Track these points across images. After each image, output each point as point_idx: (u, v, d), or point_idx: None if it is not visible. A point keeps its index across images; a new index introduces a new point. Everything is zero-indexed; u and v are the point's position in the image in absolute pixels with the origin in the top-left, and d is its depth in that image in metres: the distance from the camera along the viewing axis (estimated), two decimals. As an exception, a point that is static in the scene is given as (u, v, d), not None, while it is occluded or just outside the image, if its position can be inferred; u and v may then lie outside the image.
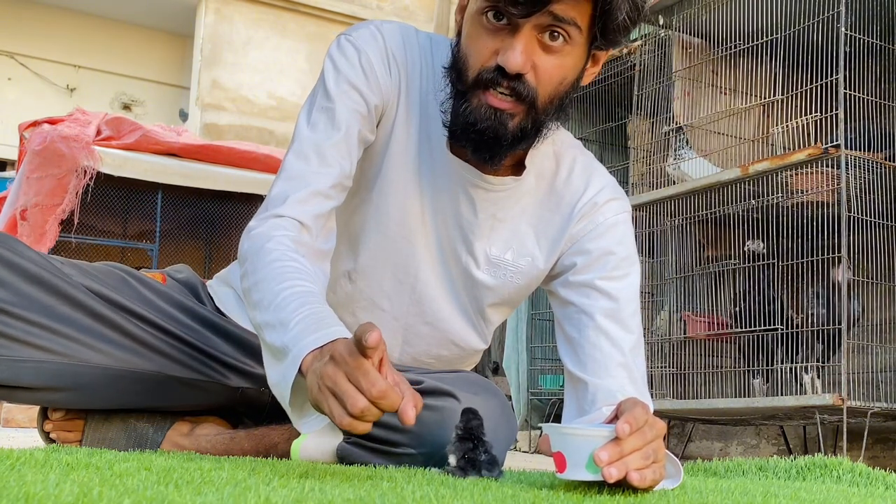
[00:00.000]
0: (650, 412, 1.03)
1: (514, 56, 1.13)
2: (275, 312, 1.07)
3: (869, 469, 1.49)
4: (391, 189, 1.33)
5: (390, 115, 1.32)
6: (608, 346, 1.29)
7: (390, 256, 1.35)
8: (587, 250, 1.35)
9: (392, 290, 1.37)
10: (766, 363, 2.98)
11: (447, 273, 1.38)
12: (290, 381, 0.99)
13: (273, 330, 1.05)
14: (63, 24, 9.68)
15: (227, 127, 8.81)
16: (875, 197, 2.78)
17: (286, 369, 1.00)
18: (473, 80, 1.19)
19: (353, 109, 1.27)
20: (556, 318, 1.40)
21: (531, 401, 4.09)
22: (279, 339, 1.04)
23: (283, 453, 1.35)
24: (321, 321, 1.03)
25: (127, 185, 5.55)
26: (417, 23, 9.53)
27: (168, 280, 1.50)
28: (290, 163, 1.25)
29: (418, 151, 1.32)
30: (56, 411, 1.42)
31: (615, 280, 1.33)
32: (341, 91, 1.27)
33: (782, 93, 3.04)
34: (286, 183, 1.23)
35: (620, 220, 1.37)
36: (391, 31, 1.32)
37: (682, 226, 3.32)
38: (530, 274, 1.39)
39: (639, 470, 0.96)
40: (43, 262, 1.31)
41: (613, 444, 0.96)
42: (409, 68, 1.32)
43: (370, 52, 1.29)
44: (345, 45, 1.30)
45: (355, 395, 0.90)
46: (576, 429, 1.00)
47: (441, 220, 1.34)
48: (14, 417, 3.98)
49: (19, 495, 0.65)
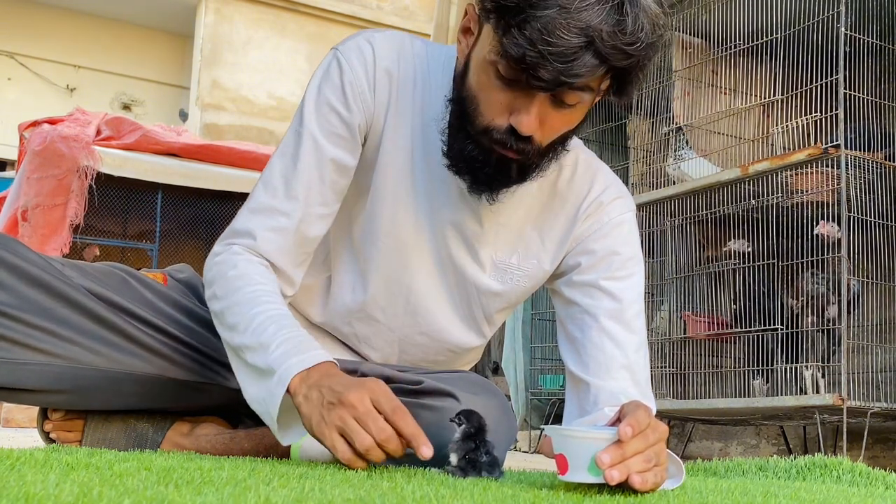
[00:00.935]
0: (652, 415, 1.03)
1: (527, 121, 1.12)
2: (253, 335, 1.15)
3: (869, 469, 1.48)
4: (381, 202, 1.32)
5: (377, 128, 1.30)
6: (611, 347, 1.29)
7: (381, 268, 1.35)
8: (592, 250, 1.35)
9: (386, 302, 1.37)
10: (767, 363, 2.98)
11: (445, 283, 1.37)
12: (278, 399, 1.10)
13: (254, 352, 1.15)
14: (63, 24, 9.68)
15: (227, 127, 8.81)
16: (875, 197, 2.78)
17: (273, 388, 1.10)
18: (483, 130, 1.17)
19: (329, 132, 1.27)
20: (558, 317, 1.39)
21: (531, 401, 4.09)
22: (262, 361, 1.13)
23: (283, 453, 1.35)
24: (301, 344, 1.13)
25: (127, 185, 5.55)
26: (417, 23, 9.53)
27: (169, 280, 1.50)
28: (258, 194, 1.29)
29: (412, 163, 1.31)
30: (56, 411, 1.42)
31: (619, 280, 1.33)
32: (319, 114, 1.27)
33: (782, 93, 3.04)
34: (251, 216, 1.28)
35: (625, 220, 1.37)
36: (382, 43, 1.30)
37: (682, 226, 3.32)
38: (536, 276, 1.38)
39: (640, 473, 0.96)
40: (44, 263, 1.31)
41: (616, 447, 0.96)
42: (402, 80, 1.30)
43: (356, 68, 1.27)
44: (331, 63, 1.29)
45: (364, 434, 1.03)
46: (578, 431, 1.00)
47: (439, 230, 1.33)
48: (14, 417, 3.98)
49: (19, 495, 0.65)
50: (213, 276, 1.26)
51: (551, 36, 1.03)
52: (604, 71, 1.08)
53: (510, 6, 1.05)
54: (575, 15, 1.03)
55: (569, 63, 1.04)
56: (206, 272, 1.29)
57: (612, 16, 1.04)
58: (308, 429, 1.09)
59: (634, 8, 1.06)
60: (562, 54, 1.03)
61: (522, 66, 1.06)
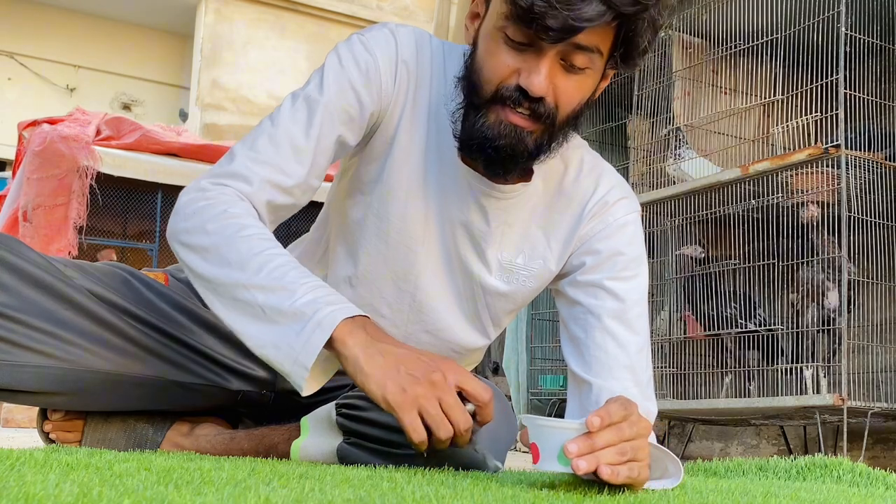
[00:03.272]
0: (635, 410, 1.02)
1: (538, 80, 1.12)
2: (268, 276, 1.10)
3: (869, 469, 1.49)
4: (392, 196, 1.31)
5: (392, 121, 1.29)
6: (614, 348, 1.29)
7: (389, 263, 1.34)
8: (597, 250, 1.34)
9: (392, 298, 1.36)
10: (767, 363, 2.99)
11: (452, 282, 1.36)
12: (318, 345, 1.05)
13: (270, 292, 1.10)
14: (63, 24, 9.68)
15: (227, 127, 8.82)
16: (875, 197, 2.78)
17: (310, 334, 1.06)
18: (492, 95, 1.17)
19: (342, 109, 1.25)
20: (561, 317, 1.39)
21: (531, 401, 4.10)
22: (284, 303, 1.08)
23: (283, 453, 1.35)
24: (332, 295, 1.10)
25: (127, 185, 5.55)
26: (417, 23, 9.54)
27: (170, 280, 1.50)
28: (263, 144, 1.24)
29: (425, 159, 1.31)
30: (56, 412, 1.42)
31: (623, 281, 1.33)
32: (339, 88, 1.25)
33: (782, 93, 3.05)
34: (253, 165, 1.22)
35: (630, 220, 1.37)
36: (405, 36, 1.30)
37: (682, 226, 3.32)
38: (542, 276, 1.38)
39: (612, 465, 0.96)
40: (45, 264, 1.30)
41: (585, 437, 0.96)
42: (420, 75, 1.30)
43: (379, 55, 1.27)
44: (355, 44, 1.28)
45: (448, 426, 1.04)
46: (549, 420, 1.01)
47: (448, 228, 1.33)
48: (14, 417, 3.99)
49: (19, 495, 0.65)
50: (201, 208, 1.18)
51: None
52: (611, 17, 1.08)
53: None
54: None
55: (576, 8, 1.05)
56: (185, 201, 1.21)
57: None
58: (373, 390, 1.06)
59: None
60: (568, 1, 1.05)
61: (531, 17, 1.07)
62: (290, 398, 1.39)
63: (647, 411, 1.27)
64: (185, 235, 1.19)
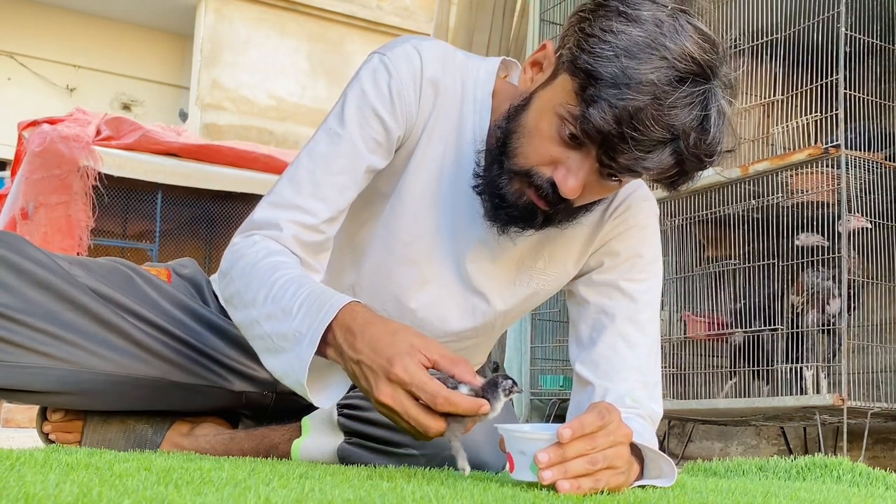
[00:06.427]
0: (615, 418, 1.00)
1: (573, 185, 1.10)
2: (274, 303, 1.09)
3: (869, 469, 1.49)
4: (404, 210, 1.29)
5: (414, 137, 1.26)
6: (624, 349, 1.28)
7: (393, 276, 1.32)
8: (616, 251, 1.34)
9: (393, 310, 1.34)
10: (767, 363, 2.98)
11: (464, 296, 1.33)
12: (306, 362, 1.03)
13: (277, 321, 1.08)
14: (63, 24, 9.68)
15: (226, 127, 8.81)
16: (875, 197, 2.78)
17: (301, 352, 1.04)
18: (522, 171, 1.14)
19: (370, 137, 1.21)
20: (570, 317, 1.38)
21: (531, 401, 4.09)
22: (285, 327, 1.07)
23: (283, 454, 1.35)
24: (321, 296, 1.07)
25: (127, 185, 5.55)
26: (417, 23, 9.53)
27: (173, 277, 1.49)
28: (282, 189, 1.22)
29: (440, 176, 1.28)
30: (55, 412, 1.42)
31: (639, 282, 1.33)
32: (362, 117, 1.21)
33: (782, 93, 3.04)
34: (272, 209, 1.20)
35: (650, 223, 1.37)
36: (429, 53, 1.25)
37: (682, 226, 3.32)
38: (559, 280, 1.37)
39: (577, 478, 0.95)
40: (50, 262, 1.30)
41: (556, 447, 0.96)
42: (444, 92, 1.26)
43: (403, 76, 1.22)
44: (377, 68, 1.23)
45: (428, 423, 0.97)
46: (520, 430, 1.02)
47: (463, 241, 1.29)
48: (14, 417, 3.99)
49: (19, 495, 0.65)
50: (231, 263, 1.19)
51: (640, 124, 1.01)
52: (675, 172, 1.07)
53: (605, 78, 1.02)
54: (667, 110, 1.01)
55: (647, 154, 1.03)
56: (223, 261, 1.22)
57: (699, 120, 1.03)
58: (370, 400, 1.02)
59: (721, 117, 1.06)
60: (643, 143, 1.02)
61: (600, 139, 1.04)
62: (291, 399, 1.39)
63: (652, 413, 1.27)
64: (223, 293, 1.22)
